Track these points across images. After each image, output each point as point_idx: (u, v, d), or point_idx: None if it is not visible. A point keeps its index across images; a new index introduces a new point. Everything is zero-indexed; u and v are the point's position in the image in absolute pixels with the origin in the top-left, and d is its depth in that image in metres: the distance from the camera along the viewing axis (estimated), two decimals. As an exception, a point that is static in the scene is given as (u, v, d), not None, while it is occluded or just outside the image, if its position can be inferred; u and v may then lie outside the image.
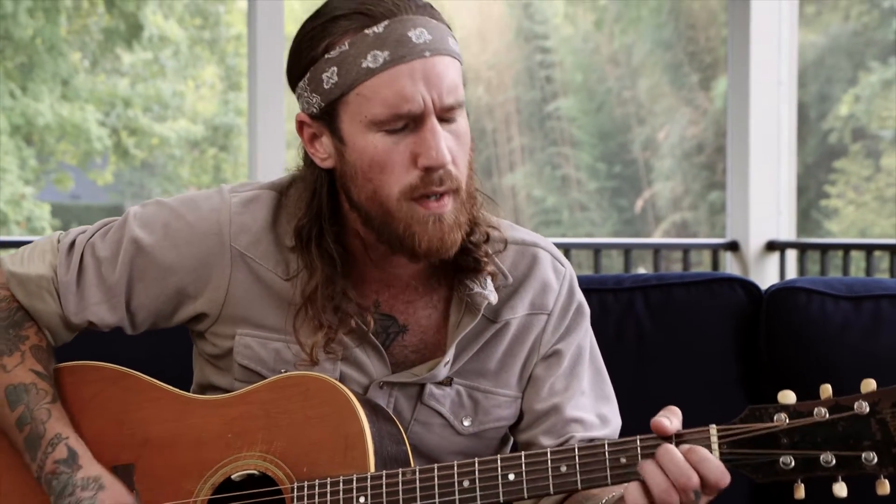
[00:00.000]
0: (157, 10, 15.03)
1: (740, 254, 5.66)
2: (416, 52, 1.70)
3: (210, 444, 1.79)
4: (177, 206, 1.88)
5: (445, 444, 1.90)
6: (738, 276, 2.47)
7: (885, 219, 15.50)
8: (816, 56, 16.09)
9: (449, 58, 1.74)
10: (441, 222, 1.74)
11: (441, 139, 1.71)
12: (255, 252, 1.85)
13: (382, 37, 1.70)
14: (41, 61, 14.16)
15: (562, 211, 17.78)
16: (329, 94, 1.74)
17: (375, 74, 1.70)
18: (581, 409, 1.91)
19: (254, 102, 5.16)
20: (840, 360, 2.30)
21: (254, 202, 1.87)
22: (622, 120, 17.89)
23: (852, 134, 15.80)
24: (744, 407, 2.35)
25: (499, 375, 1.91)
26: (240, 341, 1.86)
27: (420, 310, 1.88)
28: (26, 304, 1.88)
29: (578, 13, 18.07)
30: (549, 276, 1.93)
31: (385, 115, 1.70)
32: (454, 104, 1.73)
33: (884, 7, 15.71)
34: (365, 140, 1.73)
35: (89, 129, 14.45)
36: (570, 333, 1.94)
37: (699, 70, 17.17)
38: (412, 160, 1.72)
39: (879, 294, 2.36)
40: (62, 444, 1.80)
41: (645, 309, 2.40)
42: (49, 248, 1.90)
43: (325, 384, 1.76)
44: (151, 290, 1.86)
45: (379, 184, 1.73)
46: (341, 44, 1.72)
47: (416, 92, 1.70)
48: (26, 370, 1.84)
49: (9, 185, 14.00)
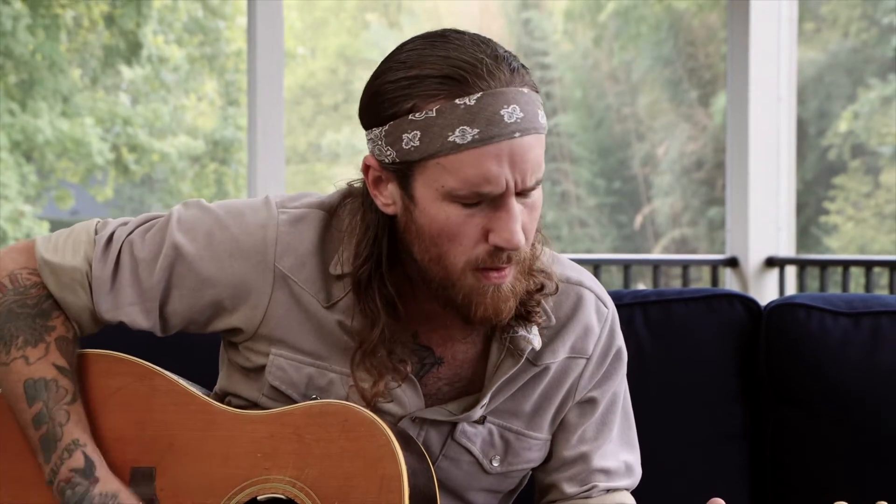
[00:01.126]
0: (157, 30, 15.04)
1: (740, 270, 5.66)
2: (506, 133, 1.61)
3: (237, 460, 1.75)
4: (223, 215, 1.81)
5: (472, 481, 1.87)
6: (737, 292, 2.47)
7: (885, 235, 15.50)
8: (816, 73, 16.11)
9: (537, 136, 1.65)
10: (499, 292, 1.68)
11: (517, 222, 1.65)
12: (299, 276, 1.78)
13: (473, 111, 1.61)
14: (41, 78, 14.18)
15: (561, 227, 17.78)
16: (407, 155, 1.64)
17: (461, 151, 1.61)
18: (607, 459, 1.89)
19: (253, 118, 5.16)
20: (839, 377, 2.30)
21: (302, 222, 1.80)
22: (621, 136, 17.91)
23: (851, 150, 15.82)
24: (742, 423, 2.35)
25: (533, 418, 1.87)
26: (273, 362, 1.80)
27: (458, 343, 1.83)
28: (57, 294, 1.82)
29: (578, 30, 18.10)
30: (591, 320, 1.87)
31: (464, 192, 1.63)
32: (536, 183, 1.67)
33: (883, 24, 15.73)
34: (437, 208, 1.65)
35: (90, 143, 14.45)
36: (607, 381, 1.90)
37: (698, 86, 17.19)
38: (484, 235, 1.65)
39: (879, 310, 2.36)
40: (79, 451, 1.76)
41: (644, 325, 2.40)
42: (85, 238, 1.83)
43: (365, 418, 1.71)
44: (187, 298, 1.80)
45: (446, 251, 1.67)
46: (428, 109, 1.62)
47: (501, 175, 1.62)
48: (49, 364, 1.79)
49: (8, 203, 13.99)
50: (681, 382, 2.38)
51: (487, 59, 1.63)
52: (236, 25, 15.65)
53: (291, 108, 17.08)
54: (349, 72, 18.06)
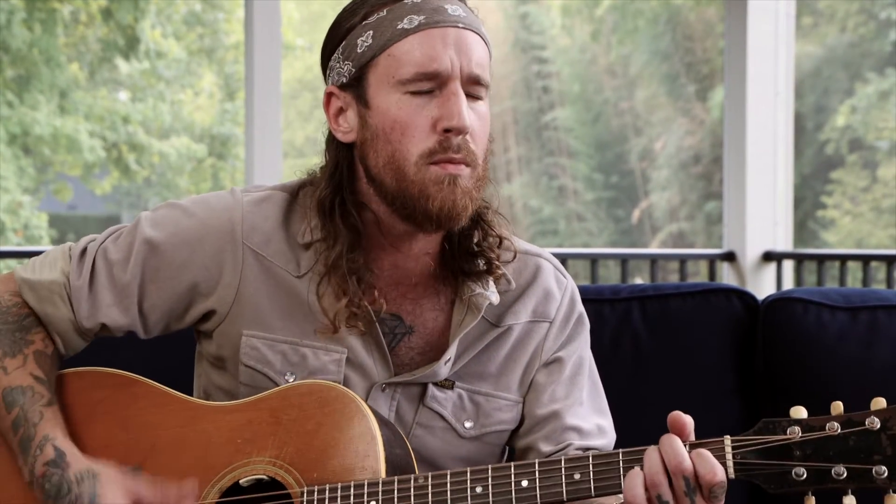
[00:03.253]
0: (155, 24, 15.02)
1: (737, 264, 5.66)
2: (450, 21, 1.79)
3: (219, 448, 1.79)
4: (188, 205, 1.91)
5: (448, 449, 1.91)
6: (734, 286, 2.47)
7: (882, 229, 15.51)
8: (813, 67, 16.11)
9: (479, 37, 1.83)
10: (455, 185, 1.78)
11: (463, 104, 1.77)
12: (267, 250, 1.87)
13: (419, 5, 1.79)
14: (38, 72, 14.16)
15: (559, 221, 17.78)
16: (361, 58, 1.80)
17: (409, 35, 1.77)
18: (579, 418, 1.93)
19: (251, 111, 5.15)
20: (836, 371, 2.30)
21: (266, 202, 1.90)
22: (619, 130, 17.90)
23: (849, 145, 15.82)
24: (740, 417, 2.36)
25: (499, 379, 1.93)
26: (246, 342, 1.87)
27: (427, 311, 1.90)
28: (38, 309, 1.89)
29: (575, 24, 18.09)
30: (551, 286, 1.97)
31: (412, 74, 1.77)
32: (480, 77, 1.80)
33: (880, 18, 15.73)
34: (389, 101, 1.78)
35: (80, 141, 14.43)
36: (571, 342, 1.97)
37: (696, 81, 17.19)
38: (433, 125, 1.77)
39: (876, 304, 2.36)
40: (49, 444, 1.78)
41: (641, 319, 2.40)
42: (60, 256, 1.92)
43: (337, 391, 1.77)
44: (164, 289, 1.87)
45: (398, 146, 1.78)
46: (379, 11, 1.80)
47: (446, 54, 1.77)
48: (26, 374, 1.84)
49: (6, 194, 13.98)
50: (678, 376, 2.38)
51: None
52: (235, 18, 15.62)
53: (289, 101, 17.08)
54: (347, 66, 18.00)
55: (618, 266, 6.17)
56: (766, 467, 1.58)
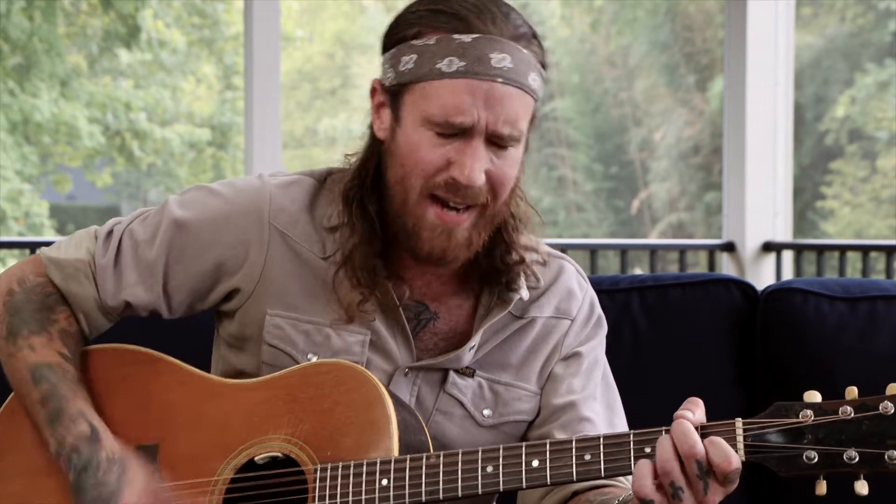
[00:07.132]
0: (157, 14, 14.99)
1: (736, 255, 5.66)
2: (489, 75, 1.75)
3: (235, 426, 1.81)
4: (216, 187, 1.94)
5: (465, 437, 1.92)
6: (734, 277, 2.48)
7: (881, 220, 15.52)
8: (813, 58, 16.10)
9: (521, 91, 1.78)
10: (449, 237, 1.80)
11: (478, 161, 1.77)
12: (294, 231, 1.89)
13: (466, 47, 1.75)
14: (38, 61, 14.13)
15: (558, 212, 17.78)
16: (401, 77, 1.80)
17: (445, 78, 1.75)
18: (594, 412, 1.95)
19: (250, 102, 5.15)
20: (836, 361, 2.31)
21: (293, 185, 1.92)
22: (618, 121, 17.89)
23: (848, 135, 15.81)
24: (739, 408, 2.36)
25: (520, 370, 1.95)
26: (270, 322, 1.88)
27: (451, 299, 1.93)
28: (63, 286, 1.92)
29: (575, 14, 18.07)
30: (573, 286, 2.00)
31: (438, 119, 1.76)
32: (508, 135, 1.78)
33: (880, 9, 15.72)
34: (415, 131, 1.78)
35: (79, 128, 14.41)
36: (590, 340, 2.00)
37: (696, 71, 17.18)
38: (446, 165, 1.78)
39: (875, 295, 2.37)
40: (83, 419, 1.80)
41: (641, 310, 2.41)
42: (86, 237, 1.95)
43: (355, 371, 1.78)
44: (190, 268, 1.90)
45: (409, 172, 1.79)
46: (428, 37, 1.77)
47: (473, 109, 1.75)
48: (53, 351, 1.86)
49: (7, 182, 13.97)
50: (677, 366, 2.39)
51: (499, 12, 1.78)
52: (235, 8, 15.60)
53: (288, 92, 17.05)
54: (346, 56, 18.03)
55: (617, 257, 6.18)
56: (778, 450, 1.58)
